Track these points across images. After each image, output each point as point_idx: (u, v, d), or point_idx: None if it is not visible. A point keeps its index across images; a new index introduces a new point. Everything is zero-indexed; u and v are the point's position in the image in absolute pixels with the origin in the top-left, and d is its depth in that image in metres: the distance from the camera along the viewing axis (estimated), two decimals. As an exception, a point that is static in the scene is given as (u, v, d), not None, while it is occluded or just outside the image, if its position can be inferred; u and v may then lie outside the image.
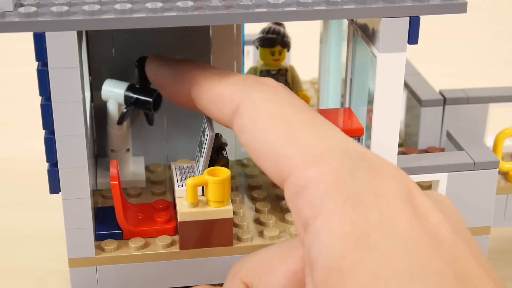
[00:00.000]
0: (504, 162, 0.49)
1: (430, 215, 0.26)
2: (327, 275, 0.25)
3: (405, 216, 0.26)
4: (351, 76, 0.46)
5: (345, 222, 0.26)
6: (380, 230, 0.25)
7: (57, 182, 0.39)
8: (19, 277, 0.52)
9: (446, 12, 0.38)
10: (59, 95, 0.37)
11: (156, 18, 0.36)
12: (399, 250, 0.24)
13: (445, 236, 0.26)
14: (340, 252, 0.25)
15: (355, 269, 0.24)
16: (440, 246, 0.25)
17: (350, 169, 0.27)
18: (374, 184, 0.27)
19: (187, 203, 0.41)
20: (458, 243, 0.26)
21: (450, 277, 0.24)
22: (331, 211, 0.26)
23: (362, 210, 0.26)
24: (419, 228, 0.25)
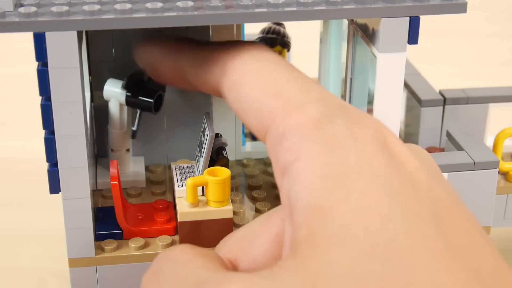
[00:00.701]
0: (504, 162, 0.49)
1: (407, 162, 0.27)
2: (308, 215, 0.25)
3: (383, 160, 0.26)
4: (351, 76, 0.46)
5: (324, 163, 0.26)
6: (359, 171, 0.26)
7: (57, 182, 0.39)
8: (19, 277, 0.52)
9: (446, 12, 0.38)
10: (59, 95, 0.37)
11: (156, 18, 0.36)
12: (378, 191, 0.25)
13: (421, 180, 0.26)
14: (321, 192, 0.25)
15: (336, 208, 0.25)
16: (417, 189, 0.26)
17: (328, 116, 0.28)
18: (352, 130, 0.27)
19: (187, 203, 0.41)
20: (434, 187, 0.26)
21: (427, 217, 0.25)
22: (310, 154, 0.27)
23: (341, 152, 0.26)
24: (396, 173, 0.26)
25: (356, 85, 0.46)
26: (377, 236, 0.24)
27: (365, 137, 0.27)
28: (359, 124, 0.27)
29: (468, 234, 0.25)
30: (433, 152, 0.50)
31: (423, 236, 0.24)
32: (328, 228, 0.25)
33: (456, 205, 0.26)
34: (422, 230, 0.24)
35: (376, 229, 0.24)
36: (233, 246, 0.31)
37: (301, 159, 0.27)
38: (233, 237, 0.32)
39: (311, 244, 0.25)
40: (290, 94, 0.30)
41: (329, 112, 0.28)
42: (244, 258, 0.30)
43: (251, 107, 0.31)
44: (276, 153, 0.28)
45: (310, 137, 0.27)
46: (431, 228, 0.24)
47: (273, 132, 0.29)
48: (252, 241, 0.30)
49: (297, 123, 0.28)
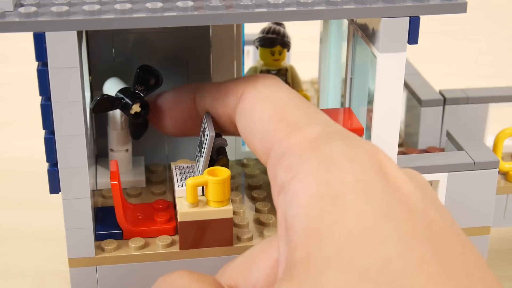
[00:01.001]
0: (504, 162, 0.49)
1: (402, 186, 0.27)
2: (305, 235, 0.26)
3: (378, 183, 0.26)
4: (351, 76, 0.46)
5: (321, 183, 0.26)
6: (356, 192, 0.26)
7: (57, 182, 0.39)
8: (19, 277, 0.52)
9: (446, 12, 0.38)
10: (59, 95, 0.37)
11: (156, 18, 0.36)
12: (374, 212, 0.25)
13: (416, 204, 0.26)
14: (317, 211, 0.26)
15: (332, 230, 0.25)
16: (412, 212, 0.26)
17: (327, 138, 0.29)
18: (349, 153, 0.28)
19: (187, 203, 0.41)
20: (428, 210, 0.26)
21: (421, 239, 0.25)
22: (307, 173, 0.27)
23: (338, 172, 0.27)
24: (392, 195, 0.26)
25: (356, 85, 0.46)
26: (371, 259, 0.24)
27: (361, 160, 0.27)
28: (356, 148, 0.28)
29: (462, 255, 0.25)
30: (433, 152, 0.50)
31: (418, 258, 0.24)
32: (324, 250, 0.25)
33: (450, 228, 0.26)
34: (417, 252, 0.24)
35: (371, 251, 0.24)
36: (234, 273, 0.31)
37: (298, 178, 0.27)
38: (233, 263, 0.32)
39: (308, 267, 0.25)
40: (294, 118, 0.31)
41: (328, 135, 0.29)
42: (244, 284, 0.30)
43: (258, 131, 0.32)
44: (275, 173, 0.29)
45: (308, 156, 0.28)
46: (425, 250, 0.24)
47: (274, 153, 0.30)
48: (252, 266, 0.31)
49: (296, 143, 0.29)
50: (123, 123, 0.46)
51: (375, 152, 0.28)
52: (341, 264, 0.24)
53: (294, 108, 0.32)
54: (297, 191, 0.27)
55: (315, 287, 0.24)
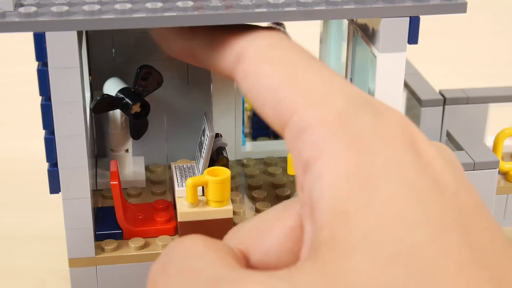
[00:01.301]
0: (504, 162, 0.49)
1: (434, 162, 0.26)
2: (332, 217, 0.25)
3: (410, 160, 0.25)
4: (351, 76, 0.46)
5: (350, 163, 0.25)
6: (385, 173, 0.25)
7: (57, 182, 0.39)
8: (19, 277, 0.52)
9: (446, 12, 0.38)
10: (59, 95, 0.37)
11: (156, 18, 0.36)
12: (404, 195, 0.24)
13: (448, 183, 0.26)
14: (346, 193, 0.25)
15: (361, 213, 0.24)
16: (443, 193, 0.25)
17: (354, 111, 0.27)
18: (379, 128, 0.26)
19: (187, 203, 0.41)
20: (460, 191, 0.26)
21: (452, 224, 0.24)
22: (335, 152, 0.26)
23: (367, 152, 0.25)
24: (423, 174, 0.25)
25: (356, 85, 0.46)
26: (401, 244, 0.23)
27: (392, 135, 0.26)
28: (386, 121, 0.27)
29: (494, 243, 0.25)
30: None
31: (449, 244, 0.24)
32: (352, 233, 0.24)
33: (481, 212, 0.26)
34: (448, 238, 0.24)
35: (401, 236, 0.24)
36: (245, 237, 0.30)
37: (325, 157, 0.26)
38: (244, 227, 0.31)
39: (333, 248, 0.24)
40: (312, 85, 0.28)
41: (355, 108, 0.27)
42: (256, 250, 0.29)
43: (268, 98, 0.29)
44: (298, 147, 0.27)
45: (336, 133, 0.26)
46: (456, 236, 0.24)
47: (294, 125, 0.28)
48: (265, 233, 0.29)
49: (321, 117, 0.27)
50: (123, 123, 0.46)
51: (406, 124, 0.27)
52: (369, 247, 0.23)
53: (307, 71, 0.29)
54: (324, 171, 0.25)
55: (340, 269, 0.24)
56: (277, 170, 0.50)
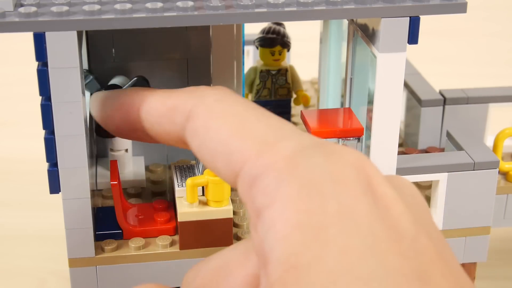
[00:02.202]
0: (504, 162, 0.49)
1: (391, 206, 0.25)
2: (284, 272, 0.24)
3: (365, 207, 0.24)
4: (351, 76, 0.46)
5: (301, 211, 0.24)
6: (339, 222, 0.24)
7: (57, 182, 0.39)
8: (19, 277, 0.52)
9: (446, 12, 0.38)
10: (59, 95, 0.37)
11: (156, 18, 0.36)
12: (358, 246, 0.23)
13: (406, 229, 0.24)
14: (297, 245, 0.24)
15: (312, 268, 0.23)
16: (401, 240, 0.24)
17: (304, 155, 0.26)
18: (332, 171, 0.25)
19: (187, 203, 0.41)
20: (419, 237, 0.24)
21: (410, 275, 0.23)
22: (286, 199, 0.24)
23: (319, 198, 0.24)
24: (379, 221, 0.24)
25: (356, 85, 0.46)
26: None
27: (346, 178, 0.25)
28: (339, 162, 0.25)
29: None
30: (433, 152, 0.50)
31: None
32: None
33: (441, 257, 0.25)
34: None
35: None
36: (207, 280, 0.29)
37: (276, 204, 0.25)
38: (206, 267, 0.30)
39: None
40: (260, 133, 0.28)
41: (305, 150, 0.26)
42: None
43: (218, 151, 0.29)
44: (252, 197, 0.26)
45: (286, 179, 0.25)
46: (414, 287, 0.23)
47: (246, 175, 0.27)
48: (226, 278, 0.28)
49: (270, 163, 0.26)
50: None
51: (361, 164, 0.26)
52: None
53: (256, 121, 0.29)
54: (275, 220, 0.24)
55: None
56: (277, 170, 0.50)
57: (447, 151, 0.48)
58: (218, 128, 0.29)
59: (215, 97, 0.31)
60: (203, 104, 0.31)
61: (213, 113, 0.30)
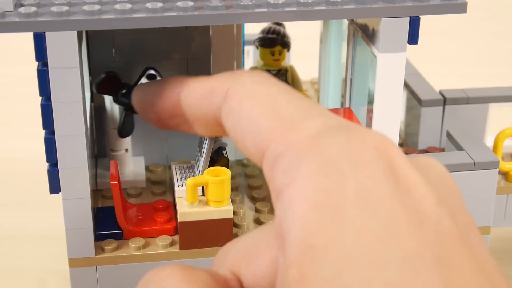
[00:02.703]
0: (504, 162, 0.49)
1: (414, 188, 0.24)
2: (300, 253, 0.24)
3: (385, 189, 0.24)
4: (351, 76, 0.46)
5: (319, 190, 0.24)
6: (357, 203, 0.23)
7: (57, 182, 0.39)
8: (19, 277, 0.52)
9: (446, 12, 0.38)
10: (59, 95, 0.37)
11: (156, 18, 0.36)
12: (376, 228, 0.23)
13: (428, 212, 0.24)
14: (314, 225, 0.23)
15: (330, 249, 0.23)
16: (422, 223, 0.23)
17: (327, 135, 0.26)
18: (353, 151, 0.25)
19: (187, 203, 0.41)
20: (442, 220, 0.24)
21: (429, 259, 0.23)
22: (304, 178, 0.24)
23: (338, 178, 0.24)
24: (400, 204, 0.24)
25: (356, 85, 0.46)
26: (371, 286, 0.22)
27: (367, 159, 0.24)
28: (361, 143, 0.25)
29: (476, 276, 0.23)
30: (433, 152, 0.50)
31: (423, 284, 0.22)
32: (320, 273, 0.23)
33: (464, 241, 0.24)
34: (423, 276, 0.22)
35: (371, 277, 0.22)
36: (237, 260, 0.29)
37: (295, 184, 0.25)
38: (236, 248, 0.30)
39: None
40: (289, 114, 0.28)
41: (329, 130, 0.26)
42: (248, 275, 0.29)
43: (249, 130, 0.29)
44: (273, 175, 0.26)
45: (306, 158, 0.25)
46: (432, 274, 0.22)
47: (270, 153, 0.27)
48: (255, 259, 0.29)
49: (294, 141, 0.26)
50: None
51: (384, 146, 0.25)
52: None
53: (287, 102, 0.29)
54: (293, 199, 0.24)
55: None
56: (277, 170, 0.50)
57: (447, 151, 0.48)
58: (250, 108, 0.30)
59: (251, 79, 0.32)
60: (239, 85, 0.32)
61: (247, 93, 0.31)
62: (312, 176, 0.24)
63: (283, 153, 0.26)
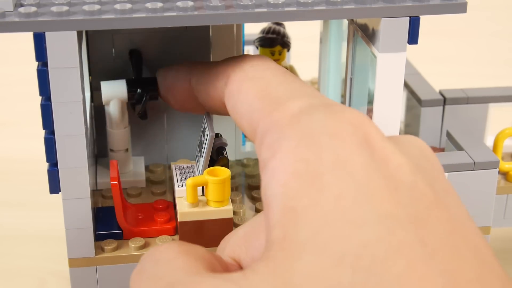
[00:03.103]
0: (504, 162, 0.49)
1: (390, 158, 0.26)
2: (282, 215, 0.25)
3: (360, 158, 0.25)
4: (351, 76, 0.46)
5: (299, 160, 0.26)
6: (334, 171, 0.25)
7: (57, 182, 0.39)
8: (19, 277, 0.52)
9: (446, 12, 0.38)
10: (59, 95, 0.37)
11: (156, 18, 0.36)
12: (352, 193, 0.24)
13: (403, 178, 0.25)
14: (294, 190, 0.25)
15: (309, 211, 0.24)
16: (397, 188, 0.25)
17: (308, 111, 0.28)
18: (330, 126, 0.26)
19: (187, 203, 0.41)
20: (417, 185, 0.25)
21: (404, 220, 0.24)
22: (285, 151, 0.26)
23: (316, 149, 0.26)
24: (375, 171, 0.25)
25: (356, 85, 0.46)
26: (348, 244, 0.23)
27: (344, 133, 0.26)
28: (339, 119, 0.27)
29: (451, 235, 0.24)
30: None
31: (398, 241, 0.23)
32: (301, 232, 0.24)
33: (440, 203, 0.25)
34: (398, 234, 0.23)
35: (348, 235, 0.23)
36: (236, 246, 0.31)
37: (277, 156, 0.26)
38: (234, 236, 0.31)
39: (283, 248, 0.24)
40: (277, 94, 0.30)
41: (310, 108, 0.28)
42: (247, 259, 0.30)
43: (244, 112, 0.32)
44: (260, 151, 0.28)
45: (288, 132, 0.27)
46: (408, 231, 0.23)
47: (259, 131, 0.29)
48: (253, 243, 0.30)
49: (278, 119, 0.28)
50: (122, 122, 0.46)
51: (360, 122, 0.27)
52: (317, 248, 0.23)
53: (278, 84, 0.31)
54: (275, 169, 0.26)
55: (289, 270, 0.24)
56: (277, 170, 0.50)
57: (447, 151, 0.48)
58: (246, 91, 0.32)
59: (251, 63, 0.35)
60: (239, 69, 0.34)
61: (246, 77, 0.33)
62: (293, 148, 0.26)
63: (268, 131, 0.28)
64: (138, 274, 0.29)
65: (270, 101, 0.30)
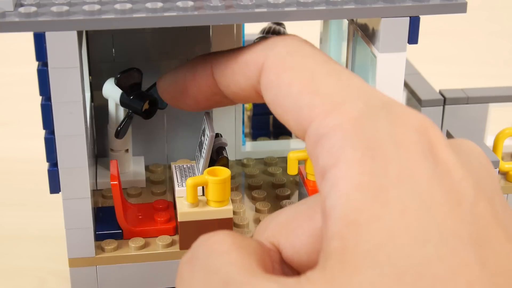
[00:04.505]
0: (504, 162, 0.49)
1: (452, 170, 0.25)
2: (343, 226, 0.25)
3: (425, 170, 0.25)
4: (351, 76, 0.46)
5: (364, 172, 0.25)
6: (399, 184, 0.25)
7: (57, 182, 0.39)
8: (19, 277, 0.52)
9: (446, 12, 0.38)
10: (59, 95, 0.37)
11: (156, 18, 0.36)
12: (416, 208, 0.24)
13: (466, 193, 0.25)
14: (358, 203, 0.25)
15: (372, 225, 0.24)
16: (459, 204, 0.24)
17: (370, 117, 0.27)
18: (395, 134, 0.26)
19: (187, 203, 0.41)
20: (479, 202, 0.25)
21: (465, 239, 0.24)
22: (350, 160, 0.26)
23: (382, 161, 0.25)
24: (439, 185, 0.25)
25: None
26: (410, 260, 0.23)
27: (408, 142, 0.26)
28: (403, 126, 0.26)
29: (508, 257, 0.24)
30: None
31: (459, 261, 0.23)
32: (362, 245, 0.24)
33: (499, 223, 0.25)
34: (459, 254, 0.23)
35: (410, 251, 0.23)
36: (277, 231, 0.30)
37: (340, 165, 0.26)
38: (276, 220, 0.30)
39: (343, 260, 0.24)
40: (329, 90, 0.29)
41: (371, 112, 0.27)
42: (287, 245, 0.29)
43: (289, 105, 0.30)
44: (316, 155, 0.27)
45: (351, 140, 0.26)
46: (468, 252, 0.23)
47: (313, 132, 0.28)
48: (295, 230, 0.29)
49: (337, 123, 0.27)
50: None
51: (425, 128, 0.26)
52: (378, 263, 0.23)
53: (325, 76, 0.30)
54: (338, 179, 0.25)
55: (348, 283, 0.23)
56: (277, 170, 0.50)
57: (447, 151, 0.48)
58: (289, 83, 0.30)
59: (286, 49, 0.32)
60: (275, 56, 0.32)
61: (284, 66, 0.31)
62: (357, 158, 0.25)
63: (327, 134, 0.27)
64: (189, 263, 0.28)
65: (322, 98, 0.28)
